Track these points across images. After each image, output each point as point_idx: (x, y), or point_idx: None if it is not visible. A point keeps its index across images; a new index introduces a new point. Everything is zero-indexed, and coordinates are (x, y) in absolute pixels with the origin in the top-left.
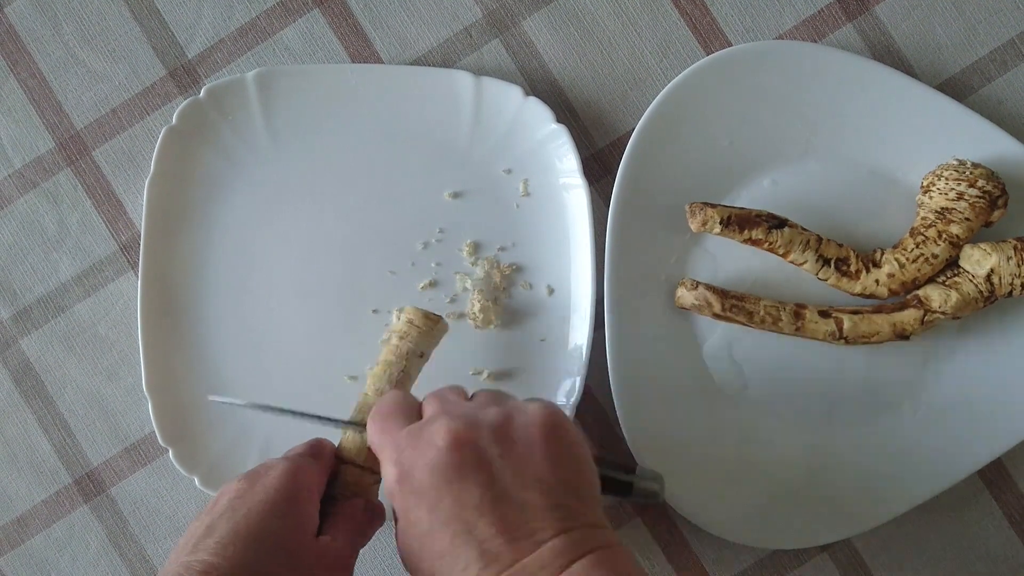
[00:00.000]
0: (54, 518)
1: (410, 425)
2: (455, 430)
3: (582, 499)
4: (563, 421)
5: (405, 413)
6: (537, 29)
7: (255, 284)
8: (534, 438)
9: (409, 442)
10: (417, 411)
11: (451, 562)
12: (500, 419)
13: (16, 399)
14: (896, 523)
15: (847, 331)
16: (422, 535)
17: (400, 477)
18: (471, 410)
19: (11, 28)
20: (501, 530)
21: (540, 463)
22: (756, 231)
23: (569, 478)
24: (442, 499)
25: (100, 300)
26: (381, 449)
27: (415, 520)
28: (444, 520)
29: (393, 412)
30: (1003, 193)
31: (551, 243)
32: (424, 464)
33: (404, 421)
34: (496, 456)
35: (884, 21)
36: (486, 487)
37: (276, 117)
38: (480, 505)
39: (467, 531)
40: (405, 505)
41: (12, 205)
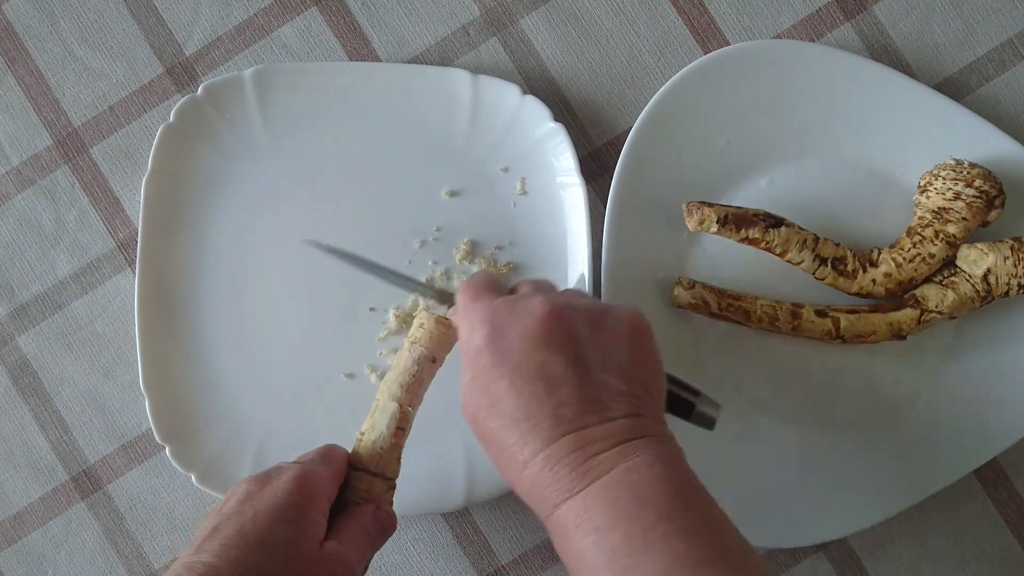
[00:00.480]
0: (51, 515)
1: (505, 296)
2: (554, 305)
3: (652, 396)
4: (649, 327)
5: (498, 287)
6: (535, 28)
7: (252, 282)
8: (622, 331)
9: (506, 308)
10: (506, 289)
11: (524, 417)
12: (594, 307)
13: (13, 396)
14: (892, 522)
15: (844, 330)
16: (500, 391)
17: (492, 335)
18: (567, 295)
19: (9, 25)
20: (578, 400)
21: (623, 354)
22: (753, 230)
23: (644, 375)
24: (530, 361)
25: (97, 297)
26: (472, 312)
27: (497, 376)
28: (527, 380)
29: (487, 284)
30: (1000, 193)
31: (548, 242)
32: (519, 328)
33: (497, 294)
34: (586, 337)
35: (882, 20)
36: (572, 360)
37: (273, 115)
38: (564, 374)
39: (547, 393)
40: (490, 362)
41: (9, 202)
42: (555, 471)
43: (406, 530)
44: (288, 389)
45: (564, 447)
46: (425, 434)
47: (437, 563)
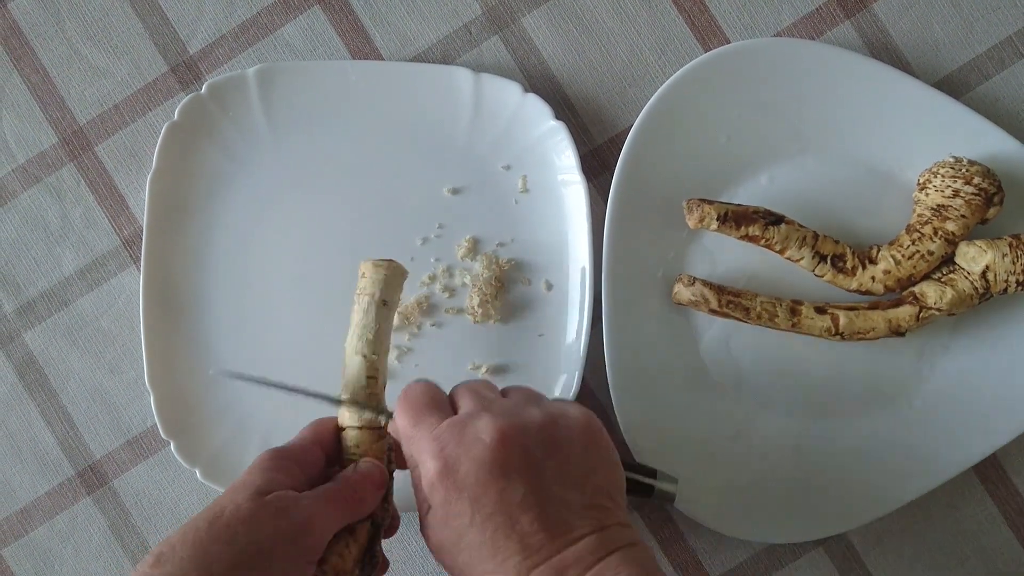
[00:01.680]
0: (57, 510)
1: (449, 418)
2: (503, 428)
3: (614, 500)
4: (600, 427)
5: (438, 406)
6: (536, 26)
7: (256, 278)
8: (576, 442)
9: (452, 436)
10: (447, 403)
11: (490, 553)
12: (545, 421)
13: (20, 392)
14: (891, 518)
15: (843, 327)
16: (462, 527)
17: (443, 471)
18: (513, 408)
19: (15, 24)
20: (543, 526)
21: (580, 465)
22: (753, 227)
23: (602, 482)
24: (487, 494)
25: (103, 294)
26: (416, 441)
27: (456, 512)
28: (488, 514)
29: (426, 404)
30: (999, 190)
31: (549, 239)
32: (471, 459)
33: (439, 414)
34: (541, 457)
35: (882, 18)
36: (531, 486)
37: (277, 113)
38: (524, 502)
39: (510, 525)
40: (446, 497)
41: (16, 200)
42: None
43: (410, 526)
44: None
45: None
46: None
47: None
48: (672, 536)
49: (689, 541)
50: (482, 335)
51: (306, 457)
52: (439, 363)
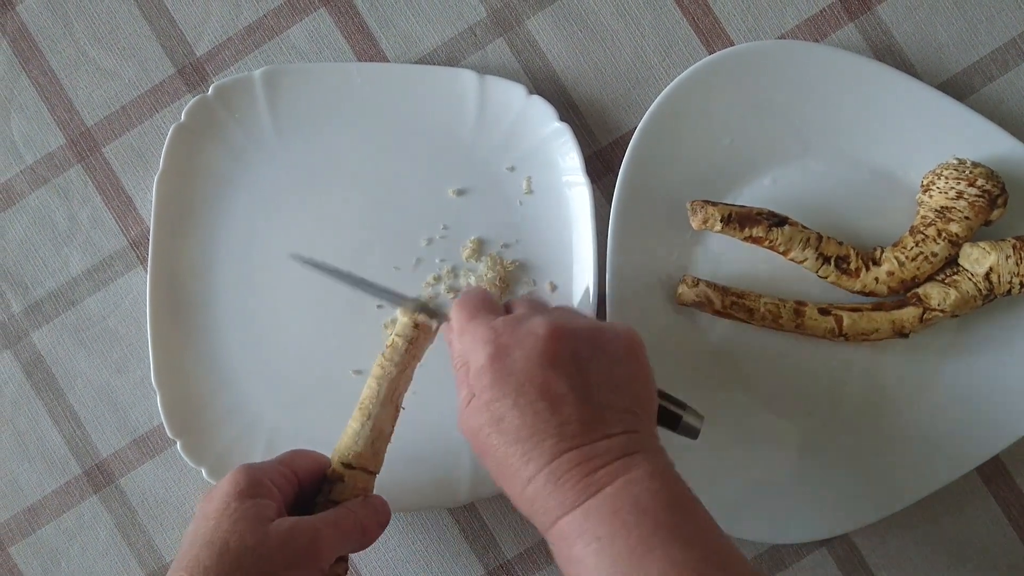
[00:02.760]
0: (64, 508)
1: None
2: (555, 325)
3: (646, 412)
4: (642, 345)
5: (493, 306)
6: (541, 28)
7: (262, 279)
8: (619, 350)
9: (507, 328)
10: (502, 308)
11: (528, 434)
12: (592, 327)
13: (27, 391)
14: (895, 519)
15: (847, 328)
16: (504, 409)
17: (495, 355)
18: (565, 314)
19: (23, 26)
20: (580, 418)
21: (620, 372)
22: (757, 229)
23: (639, 392)
24: (534, 380)
25: (110, 294)
26: (471, 331)
27: (501, 395)
28: (531, 399)
29: (483, 303)
30: (1003, 192)
31: (554, 240)
32: (523, 349)
33: (493, 313)
34: (586, 356)
35: (886, 21)
36: (574, 382)
37: (283, 115)
38: (567, 393)
39: (550, 411)
40: (493, 381)
41: (24, 200)
42: (558, 485)
43: (413, 525)
44: (297, 384)
45: (566, 463)
46: (431, 431)
47: (443, 557)
48: None
49: None
50: None
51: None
52: (443, 364)
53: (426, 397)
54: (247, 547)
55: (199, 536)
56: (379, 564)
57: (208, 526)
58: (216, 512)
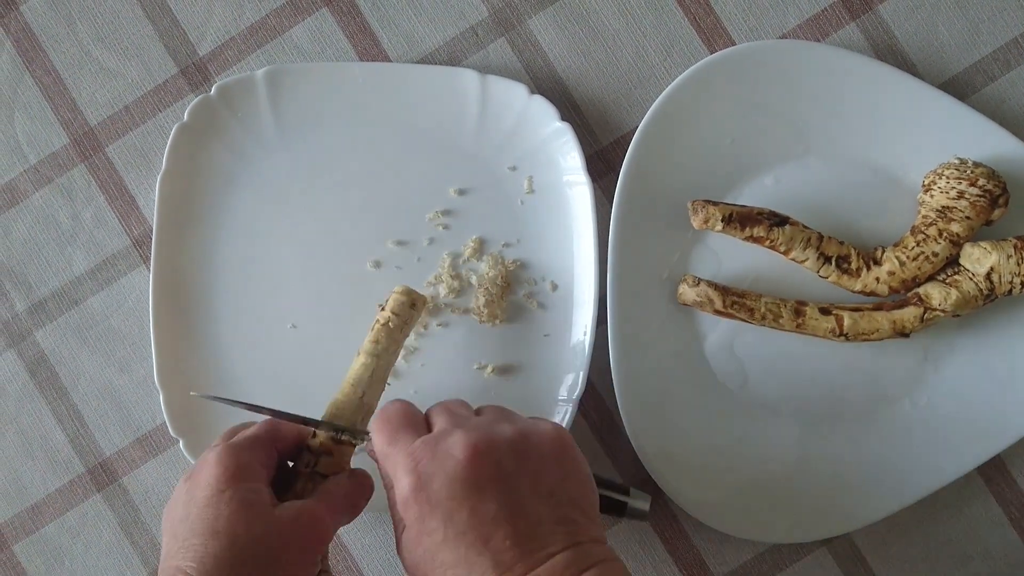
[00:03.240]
0: (68, 506)
1: (423, 436)
2: (475, 443)
3: (587, 515)
4: (571, 441)
5: (413, 424)
6: (542, 28)
7: (264, 278)
8: (547, 455)
9: (426, 452)
10: (423, 422)
11: (464, 571)
12: (516, 435)
13: (31, 390)
14: (895, 519)
15: (847, 328)
16: (435, 544)
17: (417, 486)
18: (485, 425)
19: (27, 26)
20: (515, 542)
21: (552, 479)
22: (757, 229)
23: (576, 495)
24: (460, 510)
25: (113, 293)
26: (392, 458)
27: (429, 530)
28: (460, 531)
29: (402, 423)
30: (1004, 192)
31: (555, 240)
32: (444, 475)
33: (414, 432)
34: (512, 471)
35: (887, 20)
36: (503, 500)
37: (285, 114)
38: (496, 517)
39: (483, 542)
40: (419, 514)
41: (27, 200)
42: None
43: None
44: (300, 383)
45: None
46: None
47: None
48: (677, 536)
49: (694, 541)
50: (488, 335)
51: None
52: (445, 363)
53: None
54: (255, 537)
55: (199, 524)
56: (380, 563)
57: (207, 514)
58: (209, 499)
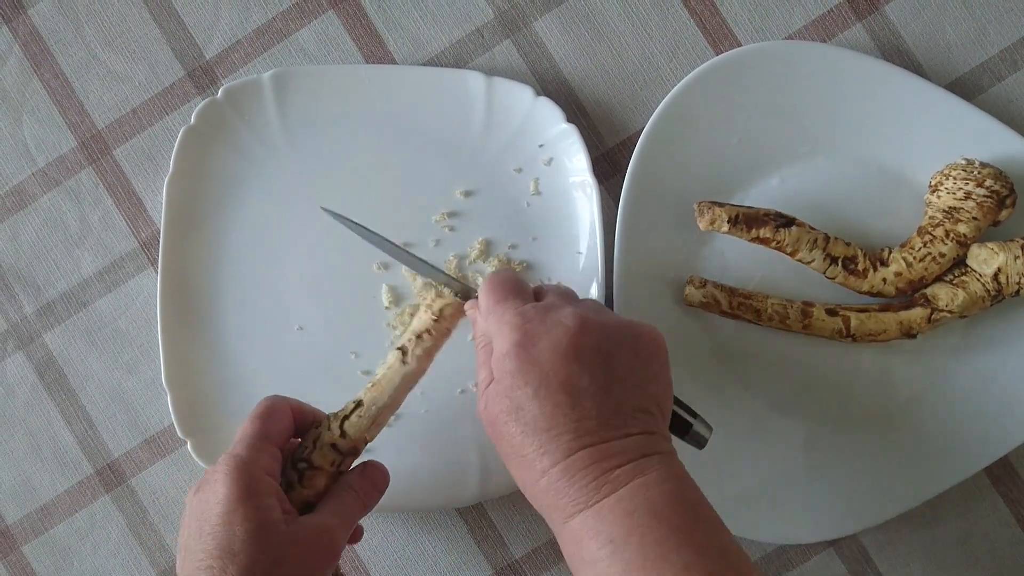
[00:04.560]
0: (76, 507)
1: (534, 302)
2: (585, 318)
3: (663, 413)
4: (665, 347)
5: (523, 291)
6: (548, 30)
7: (271, 280)
8: (642, 350)
9: (537, 315)
10: (531, 293)
11: (546, 426)
12: (619, 324)
13: (40, 392)
14: (902, 519)
15: (854, 329)
16: (524, 398)
17: (522, 342)
18: (594, 309)
19: (34, 29)
20: (599, 414)
21: (642, 372)
22: (764, 230)
23: (659, 393)
24: (557, 372)
25: (121, 296)
26: (500, 315)
27: (523, 383)
28: (552, 390)
29: (513, 286)
30: (1011, 192)
31: (561, 241)
32: (550, 339)
33: (524, 297)
34: (611, 353)
35: (894, 21)
36: (597, 376)
37: (292, 117)
38: (588, 388)
39: (571, 404)
40: (518, 367)
41: (36, 203)
42: (572, 482)
43: (421, 524)
44: (308, 384)
45: (582, 460)
46: (440, 430)
47: (451, 557)
48: None
49: None
50: None
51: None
52: (451, 364)
53: (435, 398)
54: (273, 560)
55: (213, 545)
56: (387, 564)
57: (221, 534)
58: (223, 518)
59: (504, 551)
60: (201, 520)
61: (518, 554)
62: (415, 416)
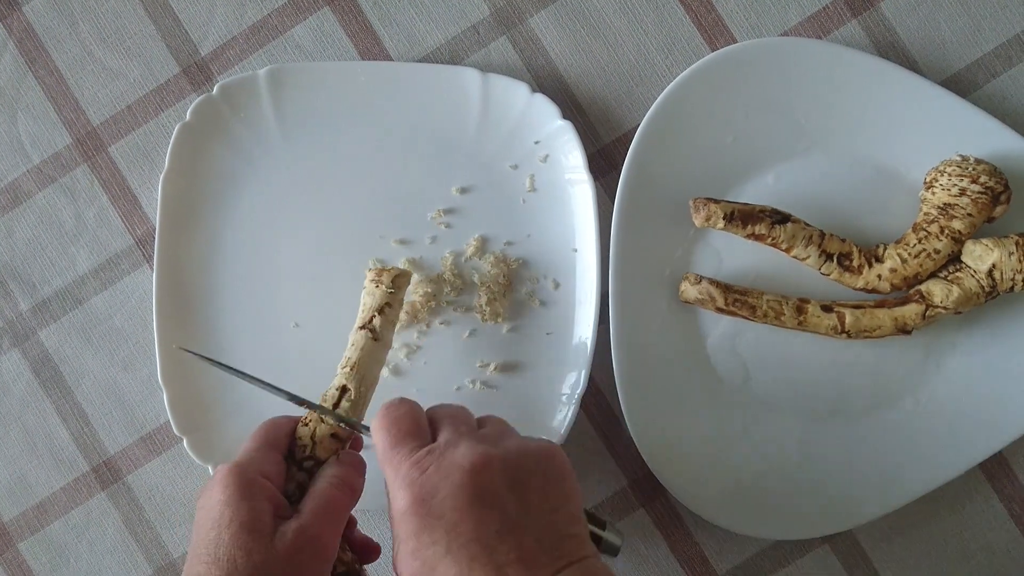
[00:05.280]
0: (72, 504)
1: (429, 445)
2: (483, 455)
3: (582, 532)
4: (567, 461)
5: (417, 429)
6: (544, 26)
7: (266, 276)
8: (550, 473)
9: (432, 463)
10: (427, 428)
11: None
12: (520, 450)
13: (35, 389)
14: (897, 515)
15: (849, 325)
16: (436, 557)
17: (418, 499)
18: (492, 438)
19: (29, 26)
20: (519, 557)
21: (556, 496)
22: (759, 226)
23: (576, 512)
24: (464, 522)
25: (116, 293)
26: (394, 465)
27: (431, 541)
28: (463, 543)
29: (409, 429)
30: (1006, 189)
31: (557, 238)
32: (449, 486)
33: (419, 440)
34: (518, 485)
35: (889, 17)
36: (507, 514)
37: (287, 113)
38: (501, 531)
39: (487, 555)
40: (421, 526)
41: (31, 200)
42: None
43: None
44: (302, 382)
45: None
46: None
47: None
48: (679, 532)
49: (696, 537)
50: (490, 333)
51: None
52: (447, 361)
53: (428, 392)
54: (255, 565)
55: (203, 549)
56: (383, 559)
57: (209, 538)
58: (212, 521)
59: None
60: (197, 527)
61: None
62: None
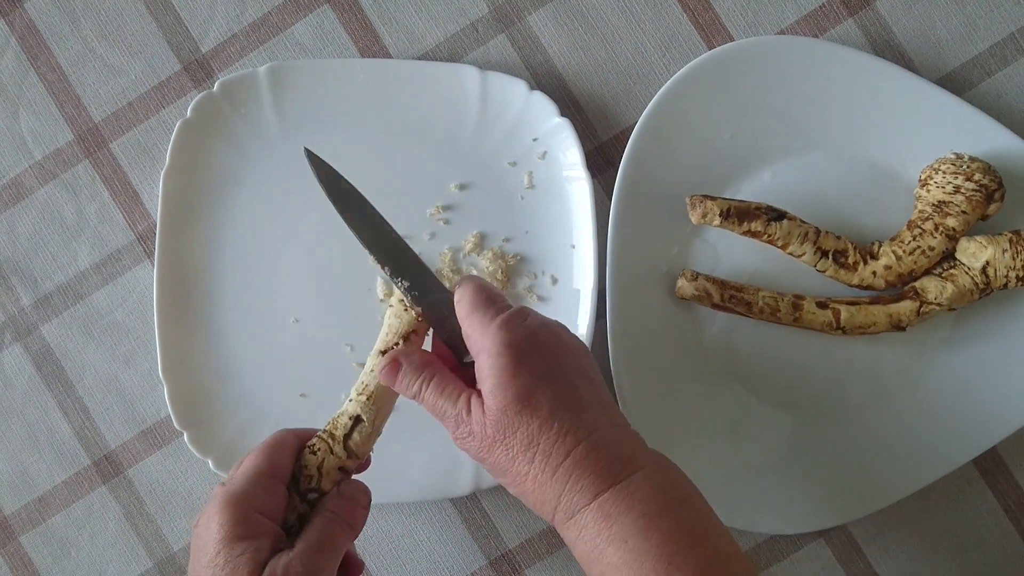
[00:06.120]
0: (74, 498)
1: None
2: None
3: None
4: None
5: (499, 298)
6: (542, 24)
7: (267, 272)
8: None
9: (518, 318)
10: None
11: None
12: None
13: (37, 383)
14: (892, 510)
15: (844, 322)
16: (535, 381)
17: (511, 341)
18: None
19: (31, 23)
20: (601, 407)
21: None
22: (755, 223)
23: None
24: (564, 367)
25: (117, 288)
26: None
27: (522, 371)
28: (543, 377)
29: (492, 297)
30: (1000, 187)
31: (555, 234)
32: (537, 332)
33: (497, 307)
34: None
35: (885, 16)
36: (589, 375)
37: (287, 110)
38: (592, 383)
39: (569, 386)
40: (509, 364)
41: (33, 195)
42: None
43: (416, 515)
44: (303, 376)
45: (607, 435)
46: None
47: (446, 547)
48: None
49: None
50: None
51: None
52: None
53: None
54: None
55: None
56: (381, 554)
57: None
58: (209, 562)
59: (498, 541)
60: (199, 551)
61: (511, 544)
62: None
